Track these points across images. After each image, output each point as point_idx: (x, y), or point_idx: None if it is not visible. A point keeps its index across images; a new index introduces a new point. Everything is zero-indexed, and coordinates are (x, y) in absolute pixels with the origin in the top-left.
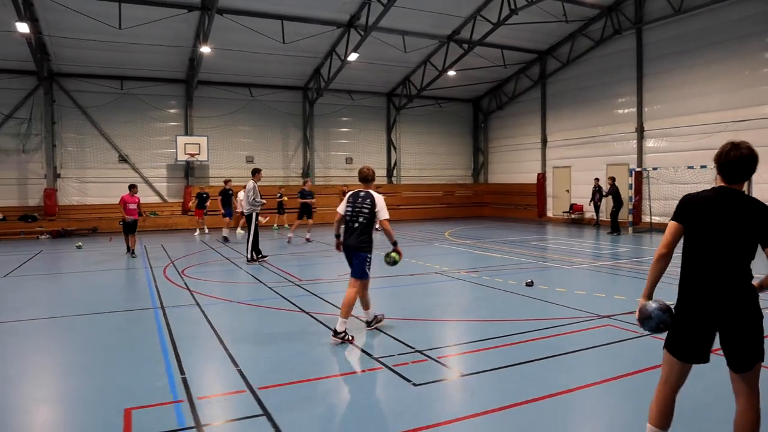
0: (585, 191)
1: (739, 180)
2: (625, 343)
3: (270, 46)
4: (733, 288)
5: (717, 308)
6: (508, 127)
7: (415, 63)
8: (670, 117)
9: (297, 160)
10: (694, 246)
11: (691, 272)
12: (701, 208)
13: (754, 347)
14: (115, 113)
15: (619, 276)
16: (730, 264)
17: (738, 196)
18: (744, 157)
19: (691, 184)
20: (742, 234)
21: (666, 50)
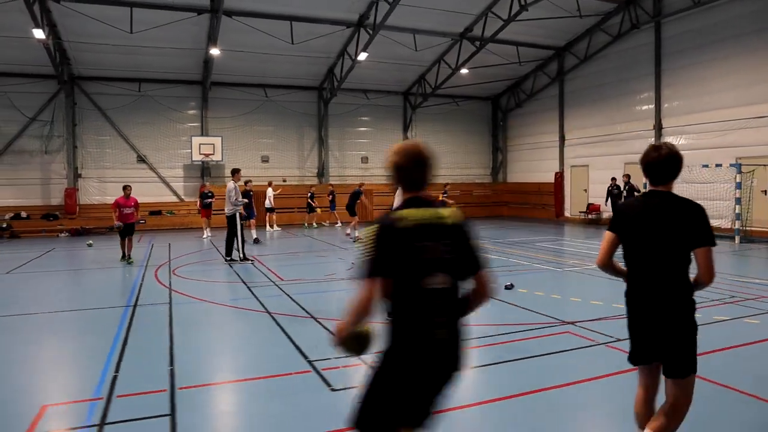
0: (602, 191)
1: (663, 181)
2: (576, 352)
3: (281, 47)
4: (666, 296)
5: (651, 316)
6: (527, 125)
7: (429, 61)
8: (688, 114)
9: (312, 160)
10: (629, 254)
11: (630, 280)
12: (630, 215)
13: (687, 357)
14: (134, 115)
15: (606, 280)
16: (661, 270)
17: (665, 198)
18: (663, 158)
19: (707, 183)
20: (670, 238)
21: (685, 44)
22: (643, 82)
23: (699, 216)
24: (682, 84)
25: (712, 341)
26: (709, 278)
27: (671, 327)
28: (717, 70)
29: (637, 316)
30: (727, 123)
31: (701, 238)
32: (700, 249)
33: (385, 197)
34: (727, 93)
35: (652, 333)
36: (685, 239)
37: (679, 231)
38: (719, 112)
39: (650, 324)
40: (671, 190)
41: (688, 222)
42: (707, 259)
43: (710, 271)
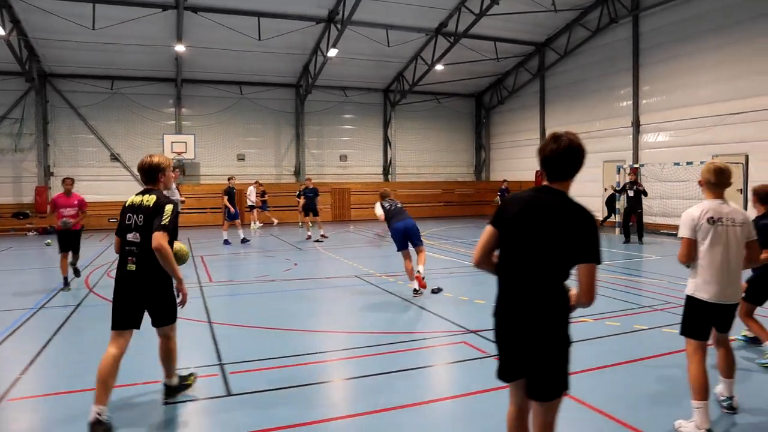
0: (582, 189)
1: (561, 177)
2: (460, 364)
3: (253, 43)
4: (536, 309)
5: (517, 329)
6: (509, 123)
7: (407, 58)
8: (666, 110)
9: (290, 158)
10: (505, 255)
11: (500, 284)
12: (515, 211)
13: (554, 379)
14: (107, 112)
15: None
16: (533, 279)
17: (556, 198)
18: (562, 151)
19: (681, 182)
20: (549, 246)
21: (663, 39)
22: (621, 77)
23: (587, 228)
24: (659, 79)
25: (612, 354)
26: (588, 298)
27: (537, 345)
28: (694, 65)
29: (503, 328)
30: (705, 119)
31: (586, 254)
32: (582, 265)
33: (363, 195)
34: (705, 88)
35: (519, 348)
36: (567, 251)
37: (561, 240)
38: (697, 108)
39: (516, 338)
40: (567, 190)
41: (574, 233)
42: (588, 278)
43: (590, 290)
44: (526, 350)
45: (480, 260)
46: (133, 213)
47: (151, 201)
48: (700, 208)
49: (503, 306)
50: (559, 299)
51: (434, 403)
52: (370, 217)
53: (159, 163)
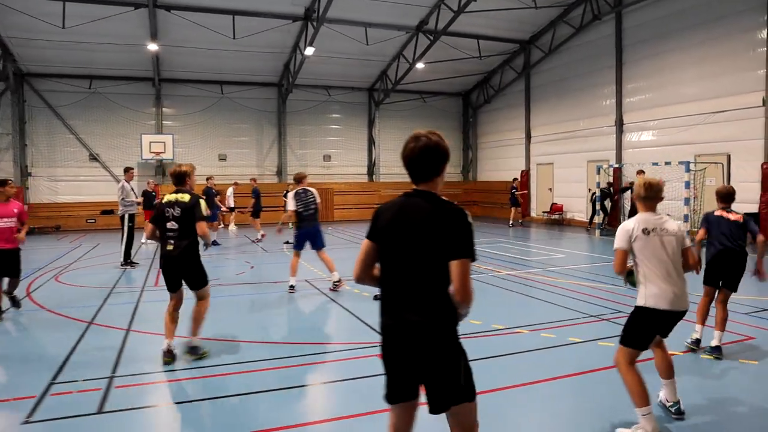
0: (567, 190)
1: (422, 178)
2: (352, 382)
3: (229, 42)
4: (422, 319)
5: (402, 344)
6: (495, 122)
7: (390, 56)
8: (649, 108)
9: (272, 158)
10: (383, 266)
11: (382, 298)
12: (386, 219)
13: (451, 387)
14: (86, 112)
15: (506, 293)
16: (416, 288)
17: (426, 199)
18: (419, 151)
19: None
20: (425, 249)
21: (645, 35)
22: (605, 75)
23: (456, 222)
24: (642, 77)
25: (536, 369)
26: (463, 296)
27: (427, 357)
28: (677, 62)
29: (390, 343)
30: (688, 118)
31: (455, 249)
32: (453, 261)
33: (347, 196)
34: (688, 86)
35: (407, 363)
36: (438, 250)
37: (432, 241)
38: (680, 106)
39: (403, 353)
40: (435, 190)
41: (443, 231)
42: (461, 275)
43: (464, 288)
44: (416, 365)
45: (360, 275)
46: (171, 207)
47: (186, 198)
48: (635, 220)
49: (387, 320)
50: (444, 307)
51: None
52: (354, 217)
53: (185, 171)
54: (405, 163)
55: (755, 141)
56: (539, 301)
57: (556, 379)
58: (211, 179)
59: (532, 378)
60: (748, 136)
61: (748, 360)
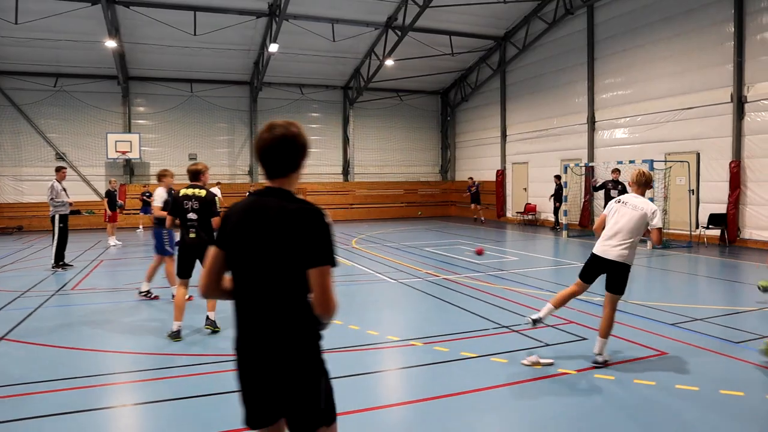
0: (542, 189)
1: (277, 174)
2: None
3: (196, 39)
4: (277, 334)
5: (256, 362)
6: (472, 121)
7: (362, 53)
8: (620, 105)
9: (244, 158)
10: (234, 276)
11: (236, 312)
12: (234, 222)
13: (311, 412)
14: (52, 111)
15: (424, 298)
16: (269, 300)
17: (279, 198)
18: (274, 142)
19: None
20: (277, 255)
21: (616, 30)
22: (577, 72)
23: (311, 225)
24: (613, 73)
25: (396, 391)
26: (323, 308)
27: (283, 377)
28: (647, 57)
29: (244, 363)
30: (658, 115)
31: (312, 256)
32: (311, 270)
33: (320, 196)
34: (658, 82)
35: (263, 384)
36: (292, 256)
37: (285, 246)
38: (650, 103)
39: (259, 372)
40: (291, 187)
41: (297, 234)
42: (320, 284)
43: (325, 299)
44: (271, 387)
45: (206, 288)
46: (189, 200)
47: (202, 193)
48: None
49: (241, 336)
50: (301, 322)
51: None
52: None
53: (200, 169)
54: (258, 156)
55: (724, 139)
56: (458, 309)
57: (419, 401)
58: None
59: (394, 399)
60: (717, 134)
61: (646, 381)
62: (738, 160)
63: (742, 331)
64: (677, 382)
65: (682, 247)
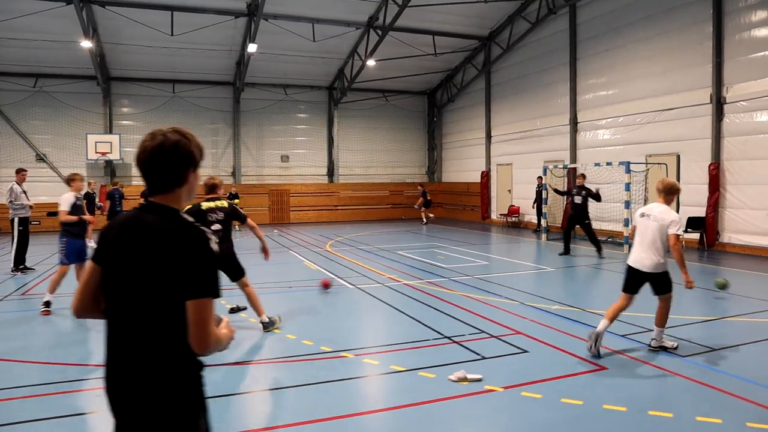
0: (526, 191)
1: (158, 189)
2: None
3: (169, 39)
4: (142, 371)
5: (121, 397)
6: (458, 121)
7: (346, 53)
8: (602, 106)
9: (227, 159)
10: (107, 297)
11: (106, 338)
12: (111, 236)
13: None
14: (32, 111)
15: (376, 305)
16: (137, 329)
17: (161, 216)
18: (151, 153)
19: (607, 184)
20: (148, 281)
21: (598, 29)
22: (560, 72)
23: (191, 250)
24: (596, 73)
25: (312, 408)
26: (200, 345)
27: (152, 413)
28: (629, 57)
29: (111, 396)
30: (639, 116)
31: (189, 286)
32: (189, 302)
33: (304, 197)
34: (640, 82)
35: (132, 419)
36: (168, 284)
37: (159, 270)
38: (632, 104)
39: (126, 405)
40: (177, 204)
41: (175, 258)
42: (197, 318)
43: (202, 335)
44: (143, 421)
45: (78, 307)
46: (213, 213)
47: (225, 203)
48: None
49: (109, 365)
50: (176, 352)
51: None
52: (311, 219)
53: (216, 183)
54: (138, 168)
55: (704, 140)
56: (406, 317)
57: (324, 420)
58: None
59: (301, 418)
60: (697, 135)
61: (573, 400)
62: (717, 163)
63: (693, 344)
64: (606, 402)
65: None
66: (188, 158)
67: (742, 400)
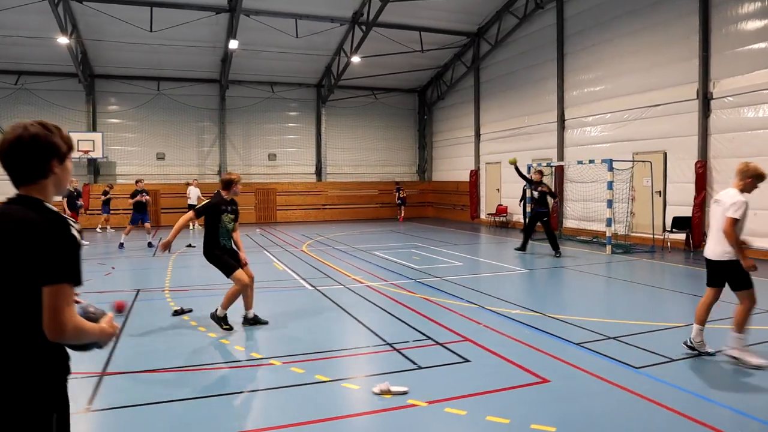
0: (515, 190)
1: (21, 181)
2: None
3: (150, 36)
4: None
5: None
6: (448, 119)
7: (332, 50)
8: (590, 103)
9: (213, 157)
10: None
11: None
12: None
13: None
14: (14, 109)
15: (331, 309)
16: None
17: (25, 206)
18: (9, 145)
19: (589, 182)
20: (6, 269)
21: (585, 24)
22: (547, 68)
23: (50, 236)
24: (583, 69)
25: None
26: (53, 332)
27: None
28: (616, 52)
29: None
30: (625, 113)
31: (45, 271)
32: (44, 288)
33: (291, 196)
34: (626, 78)
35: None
36: (25, 271)
37: (18, 258)
38: (619, 100)
39: None
40: (43, 196)
41: (33, 244)
42: (51, 304)
43: (55, 321)
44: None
45: None
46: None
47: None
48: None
49: None
50: (32, 344)
51: None
52: (298, 218)
53: (233, 179)
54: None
55: (691, 137)
56: (353, 321)
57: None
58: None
59: (206, 429)
60: (684, 132)
61: (500, 418)
62: (704, 160)
63: (650, 353)
64: (535, 421)
65: (644, 252)
66: (50, 150)
67: (692, 421)
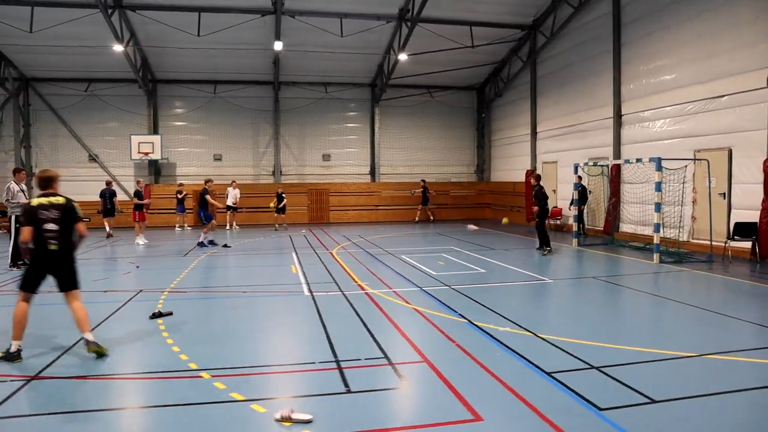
0: (570, 191)
1: None
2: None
3: (208, 41)
4: None
5: None
6: (506, 117)
7: (384, 48)
8: (647, 96)
9: (268, 158)
10: None
11: None
12: None
13: None
14: (85, 114)
15: (311, 316)
16: None
17: None
18: None
19: (639, 183)
20: None
21: (643, 10)
22: (604, 59)
23: None
24: (640, 59)
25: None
26: None
27: None
28: (675, 39)
29: None
30: (685, 105)
31: None
32: None
33: (344, 197)
34: (685, 68)
35: None
36: None
37: None
38: (679, 91)
39: None
40: None
41: None
42: None
43: None
44: None
45: None
46: (45, 210)
47: (61, 200)
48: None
49: None
50: None
51: None
52: (351, 219)
53: (51, 176)
54: None
55: (759, 132)
56: (320, 334)
57: None
58: (210, 182)
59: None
60: (751, 126)
61: None
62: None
63: (629, 391)
64: None
65: (699, 262)
66: None
67: None
